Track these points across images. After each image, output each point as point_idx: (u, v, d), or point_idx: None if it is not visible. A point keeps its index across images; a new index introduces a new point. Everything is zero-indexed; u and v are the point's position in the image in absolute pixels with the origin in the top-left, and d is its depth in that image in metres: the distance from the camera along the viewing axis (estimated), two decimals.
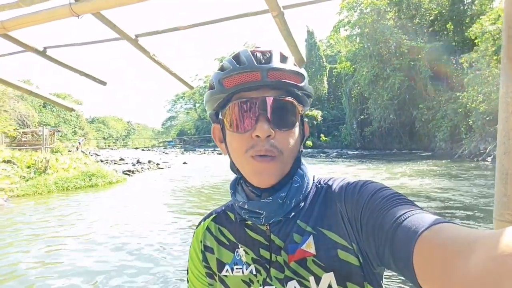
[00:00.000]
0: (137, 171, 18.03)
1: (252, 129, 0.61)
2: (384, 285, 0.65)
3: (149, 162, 22.24)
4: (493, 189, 1.04)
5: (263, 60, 0.62)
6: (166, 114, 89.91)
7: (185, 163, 23.53)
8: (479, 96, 19.90)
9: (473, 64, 21.15)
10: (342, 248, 0.60)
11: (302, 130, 0.68)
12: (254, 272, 0.67)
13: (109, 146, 65.37)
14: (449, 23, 29.81)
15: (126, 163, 22.45)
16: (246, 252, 0.68)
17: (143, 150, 50.83)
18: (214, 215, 0.78)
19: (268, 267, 0.65)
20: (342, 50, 39.04)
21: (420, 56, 28.13)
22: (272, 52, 0.63)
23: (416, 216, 0.48)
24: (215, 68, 0.69)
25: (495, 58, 18.28)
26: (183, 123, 78.86)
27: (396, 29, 29.33)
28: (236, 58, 0.64)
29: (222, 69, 0.65)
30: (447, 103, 24.92)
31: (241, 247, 0.70)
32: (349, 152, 30.56)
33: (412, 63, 28.12)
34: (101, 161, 22.37)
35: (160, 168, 20.02)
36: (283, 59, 0.63)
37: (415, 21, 30.41)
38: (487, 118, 18.78)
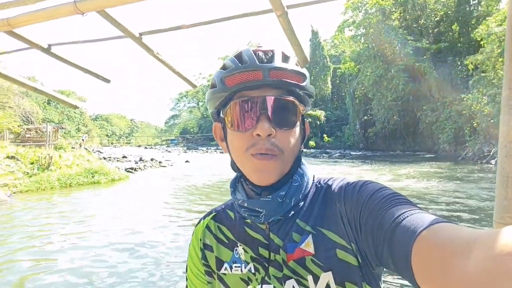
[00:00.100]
0: (140, 168, 18.10)
1: (253, 128, 0.61)
2: (382, 286, 0.64)
3: (152, 160, 22.29)
4: None
5: (265, 59, 0.62)
6: (169, 113, 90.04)
7: (187, 161, 23.58)
8: (484, 98, 19.77)
9: (478, 66, 21.01)
10: (341, 248, 0.60)
11: (303, 130, 0.68)
12: (252, 271, 0.67)
13: (112, 143, 65.58)
14: (455, 24, 29.59)
15: (129, 161, 22.55)
16: (245, 251, 0.69)
17: (146, 148, 50.94)
18: (214, 214, 0.78)
19: (266, 265, 0.65)
20: (347, 50, 38.92)
21: (425, 57, 27.98)
22: (274, 52, 0.63)
23: (415, 216, 0.48)
24: (219, 67, 0.70)
25: (500, 60, 18.15)
26: (186, 121, 78.91)
27: (401, 29, 29.19)
28: (238, 57, 0.64)
29: (224, 67, 0.65)
30: (452, 105, 24.77)
31: (240, 245, 0.70)
32: (352, 153, 30.44)
33: (416, 64, 27.97)
34: (104, 158, 22.49)
35: (163, 166, 20.07)
36: (285, 58, 0.64)
37: (420, 21, 30.25)
38: (492, 120, 18.65)
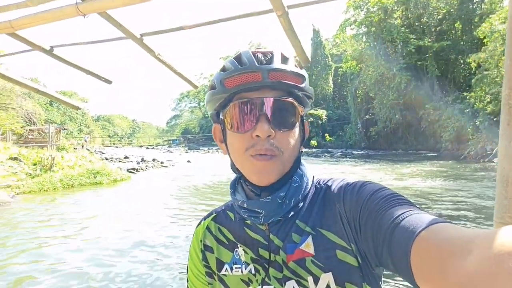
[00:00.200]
0: (142, 169, 18.16)
1: (253, 129, 0.61)
2: (383, 286, 0.65)
3: (154, 160, 22.35)
4: None
5: (264, 61, 0.62)
6: (171, 113, 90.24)
7: (189, 161, 23.64)
8: (486, 96, 19.68)
9: (481, 64, 20.89)
10: (340, 248, 0.60)
11: (303, 131, 0.68)
12: (253, 272, 0.67)
13: (114, 144, 65.81)
14: (458, 22, 29.44)
15: (131, 161, 22.62)
16: (245, 252, 0.69)
17: (147, 148, 51.07)
18: (214, 215, 0.78)
19: (267, 266, 0.65)
20: (348, 49, 38.73)
21: (427, 55, 27.87)
22: (273, 53, 0.64)
23: (414, 216, 0.48)
24: (219, 67, 0.71)
25: (503, 58, 18.02)
26: (187, 121, 79.01)
27: (403, 28, 29.08)
28: (238, 58, 0.64)
29: (223, 69, 0.65)
30: (454, 104, 24.67)
31: (240, 246, 0.70)
32: (354, 152, 30.35)
33: (419, 63, 27.86)
34: (106, 159, 22.55)
35: (165, 167, 20.12)
36: (284, 60, 0.64)
37: (422, 20, 30.11)
38: (495, 119, 18.56)
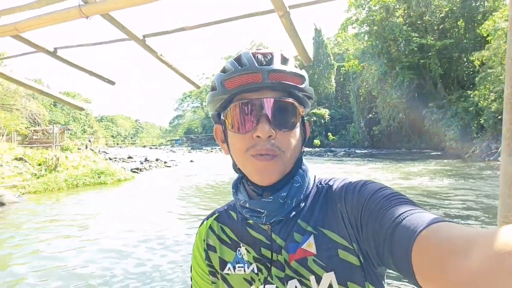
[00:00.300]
0: (145, 169, 18.23)
1: (253, 129, 0.61)
2: (386, 285, 0.64)
3: (157, 160, 22.42)
4: None
5: (264, 61, 0.63)
6: (174, 113, 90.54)
7: (192, 161, 23.68)
8: (491, 94, 19.54)
9: (485, 62, 20.74)
10: (342, 248, 0.60)
11: (304, 131, 0.69)
12: (255, 271, 0.67)
13: (117, 144, 66.04)
14: (460, 20, 29.22)
15: (134, 161, 22.71)
16: (247, 251, 0.69)
17: (151, 148, 51.24)
18: (217, 214, 0.79)
19: (269, 266, 0.66)
20: (350, 48, 38.63)
21: (430, 54, 27.71)
22: (273, 54, 0.64)
23: (415, 216, 0.48)
24: (220, 68, 0.71)
25: None
26: (190, 121, 79.17)
27: (405, 26, 28.91)
28: (238, 59, 0.65)
29: (224, 70, 0.66)
30: (458, 102, 24.51)
31: (243, 246, 0.70)
32: (357, 151, 30.27)
33: (421, 61, 27.70)
34: (110, 159, 22.67)
35: (168, 166, 20.17)
36: (284, 60, 0.64)
37: (425, 18, 29.91)
38: (499, 117, 18.42)
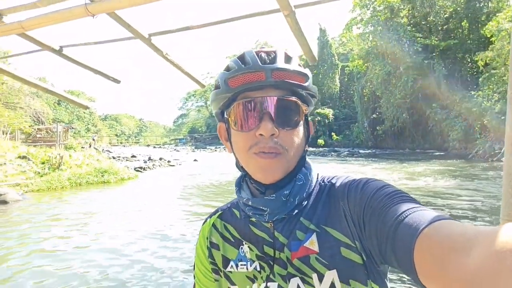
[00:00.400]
0: (149, 168, 18.27)
1: (256, 128, 0.62)
2: (388, 283, 0.64)
3: (161, 159, 22.44)
4: None
5: (267, 60, 0.63)
6: (178, 112, 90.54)
7: (195, 160, 23.70)
8: (494, 95, 19.42)
9: (488, 63, 20.62)
10: (345, 246, 0.61)
11: (307, 130, 0.69)
12: (258, 269, 0.67)
13: (121, 143, 66.23)
14: (464, 20, 29.07)
15: (138, 160, 22.76)
16: (250, 249, 0.69)
17: (154, 147, 51.32)
18: (220, 212, 0.79)
19: (271, 263, 0.66)
20: (355, 48, 38.47)
21: (434, 54, 27.57)
22: (277, 53, 0.64)
23: (417, 214, 0.48)
24: (224, 67, 0.72)
25: None
26: (194, 120, 79.23)
27: (409, 27, 28.81)
28: (241, 58, 0.65)
29: (227, 69, 0.66)
30: (462, 102, 24.37)
31: (245, 243, 0.70)
32: (361, 151, 30.14)
33: (425, 62, 27.57)
34: (113, 157, 22.69)
35: (171, 166, 20.21)
36: (288, 59, 0.64)
37: (429, 18, 29.79)
38: (503, 117, 18.29)
